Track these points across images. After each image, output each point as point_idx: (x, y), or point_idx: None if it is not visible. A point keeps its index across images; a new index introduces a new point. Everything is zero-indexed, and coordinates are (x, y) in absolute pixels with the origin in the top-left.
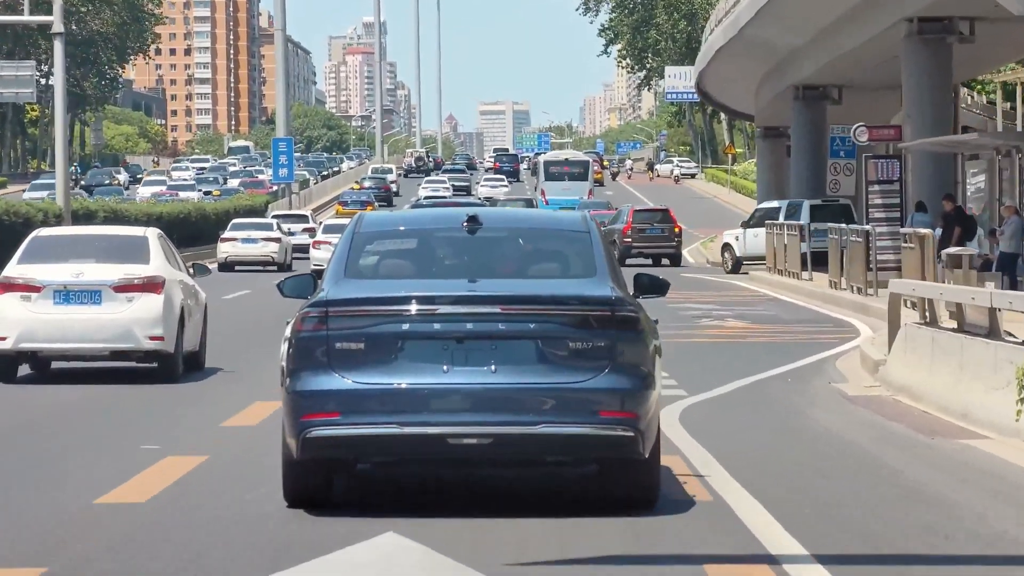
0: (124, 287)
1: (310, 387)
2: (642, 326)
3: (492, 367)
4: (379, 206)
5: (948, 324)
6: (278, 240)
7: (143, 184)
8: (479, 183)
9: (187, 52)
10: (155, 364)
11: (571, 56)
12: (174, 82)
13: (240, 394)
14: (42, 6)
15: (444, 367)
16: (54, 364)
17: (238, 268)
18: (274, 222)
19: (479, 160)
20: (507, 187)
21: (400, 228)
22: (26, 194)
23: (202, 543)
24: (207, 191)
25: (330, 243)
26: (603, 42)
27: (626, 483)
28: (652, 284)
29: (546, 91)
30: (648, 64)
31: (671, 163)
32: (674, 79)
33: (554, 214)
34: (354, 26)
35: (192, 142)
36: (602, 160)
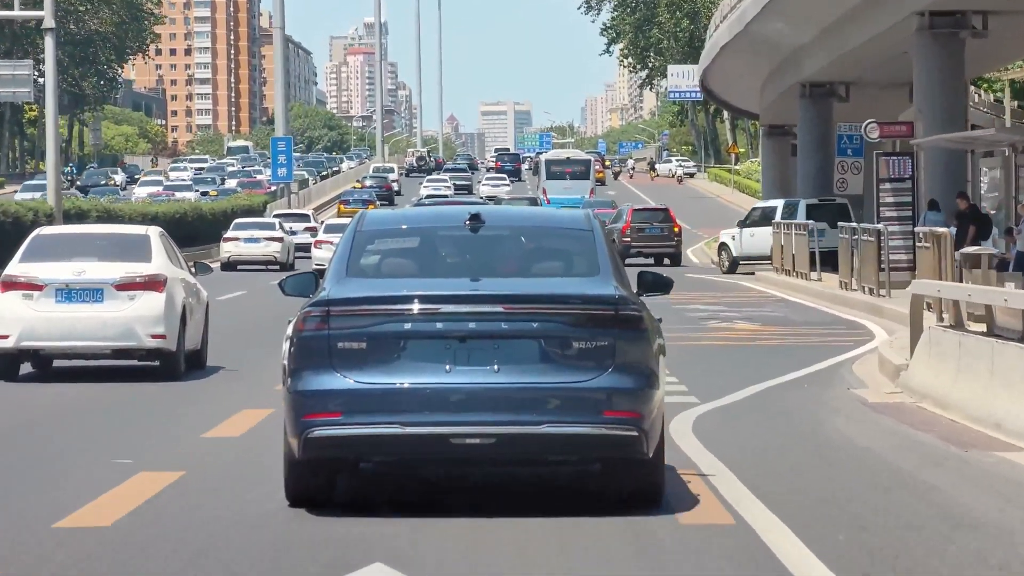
0: (126, 285)
1: (312, 387)
2: (646, 325)
3: (495, 366)
4: (381, 205)
5: (976, 327)
6: (281, 240)
7: (139, 184)
8: (481, 182)
9: (187, 52)
10: (157, 363)
11: (572, 56)
12: (174, 82)
13: (234, 397)
14: (38, 4)
15: (446, 366)
16: (56, 362)
17: (241, 267)
18: (276, 221)
19: (480, 160)
20: (509, 186)
21: (402, 227)
22: (18, 194)
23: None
24: (204, 191)
25: (332, 243)
26: (605, 41)
27: (630, 483)
28: (656, 282)
29: (548, 91)
30: (650, 63)
31: (669, 163)
32: (677, 78)
33: (557, 212)
34: (355, 26)
35: (192, 142)
36: (603, 160)
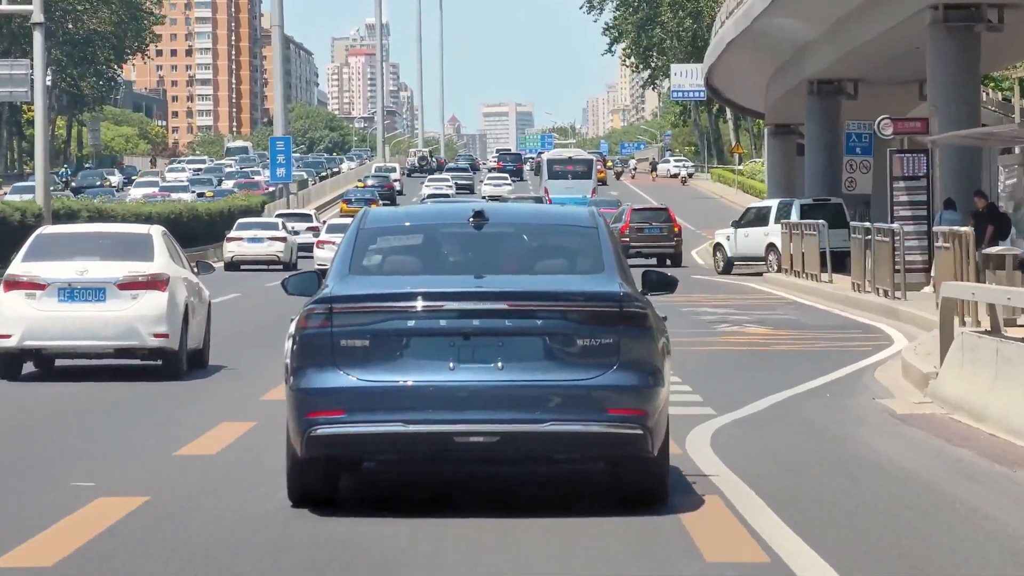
0: (128, 284)
1: (314, 384)
2: (650, 322)
3: (499, 364)
4: (383, 204)
5: (1014, 333)
6: (284, 239)
7: (135, 185)
8: (483, 182)
9: (188, 53)
10: (159, 362)
11: (574, 57)
12: (175, 83)
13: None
14: None
15: (450, 364)
16: (58, 362)
17: (244, 267)
18: (279, 221)
19: (482, 161)
20: (511, 185)
21: (405, 224)
22: (8, 195)
23: None
24: (200, 192)
25: (334, 243)
26: (607, 41)
27: (635, 482)
28: (660, 281)
29: (549, 92)
30: (653, 63)
31: (667, 163)
32: (680, 77)
33: (561, 209)
34: (357, 27)
35: (193, 143)
36: (605, 160)
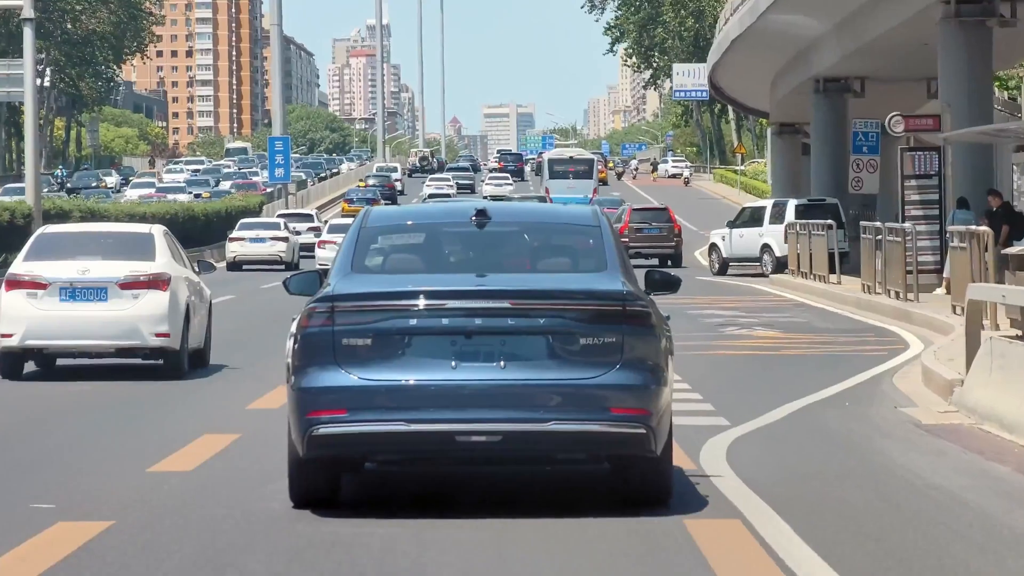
0: (130, 284)
1: (316, 384)
2: (654, 321)
3: (501, 363)
4: (384, 203)
5: None
6: (286, 239)
7: (131, 186)
8: (484, 181)
9: (188, 54)
10: (161, 361)
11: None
12: (176, 84)
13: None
14: None
15: (452, 363)
16: (59, 360)
17: (246, 267)
18: (281, 221)
19: (483, 162)
20: (512, 185)
21: (408, 223)
22: (0, 196)
23: None
24: (197, 193)
25: (335, 242)
26: (608, 40)
27: (638, 482)
28: (664, 281)
29: (550, 94)
30: (655, 63)
31: (665, 163)
32: (682, 77)
33: (564, 208)
34: (358, 28)
35: (194, 144)
36: (606, 161)
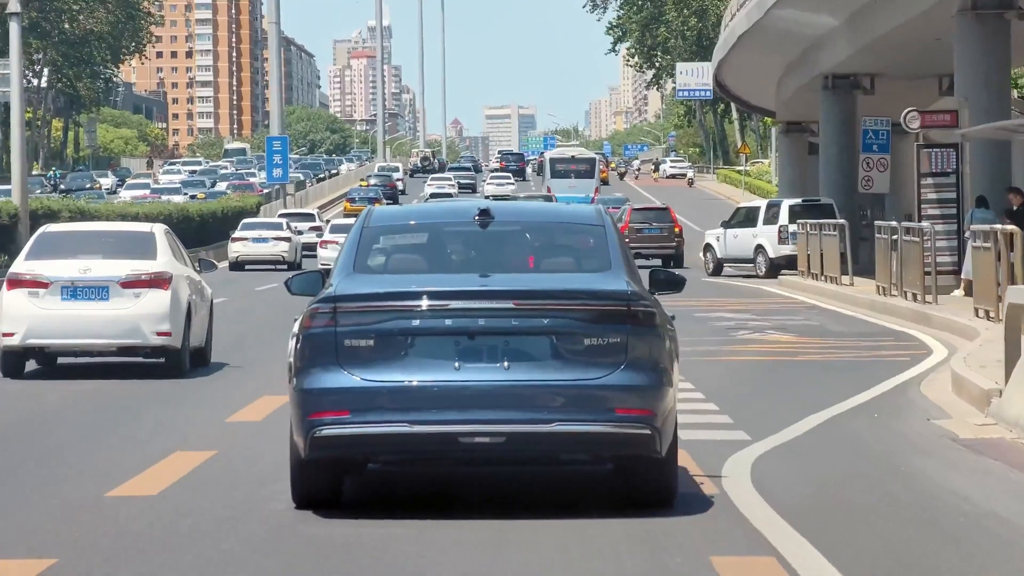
0: (131, 283)
1: (318, 385)
2: (658, 321)
3: (505, 364)
4: (386, 203)
5: None
6: (289, 239)
7: (125, 187)
8: (485, 181)
9: (188, 55)
10: (162, 359)
11: (576, 60)
12: (175, 85)
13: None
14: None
15: (455, 364)
16: (60, 359)
17: (248, 267)
18: (284, 221)
19: (484, 163)
20: (513, 185)
21: (410, 222)
22: None
23: None
24: (192, 195)
25: (337, 242)
26: (611, 40)
27: (642, 483)
28: (668, 280)
29: (551, 95)
30: (657, 62)
31: (664, 163)
32: (686, 76)
33: (568, 207)
34: (359, 29)
35: (194, 145)
36: (608, 161)
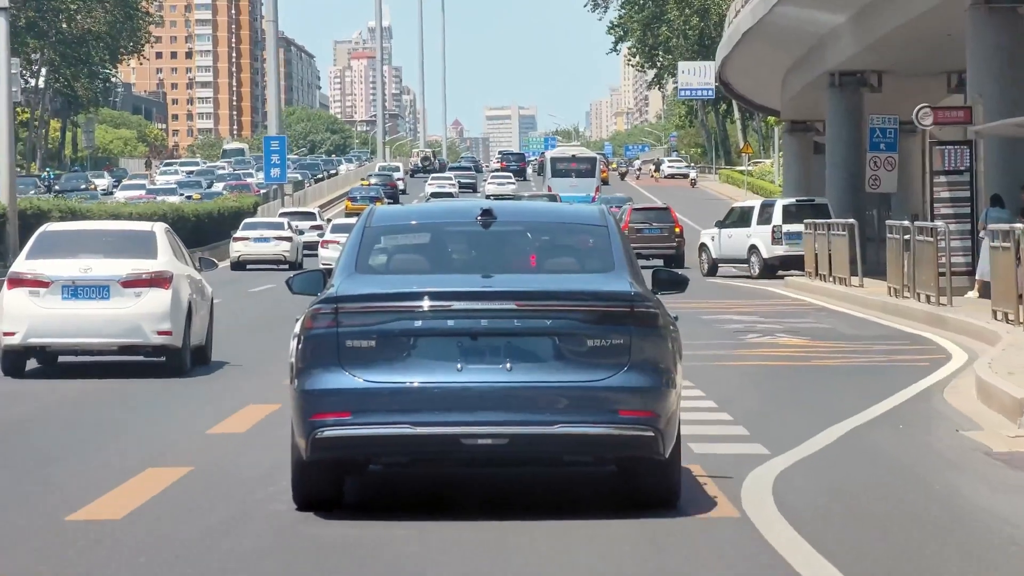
0: (132, 282)
1: (320, 386)
2: (662, 322)
3: (507, 365)
4: (387, 203)
5: None
6: (290, 239)
7: (120, 188)
8: (486, 180)
9: (188, 55)
10: (163, 358)
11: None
12: (175, 86)
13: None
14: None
15: (458, 365)
16: (61, 358)
17: (250, 267)
18: (285, 221)
19: (485, 164)
20: (514, 184)
21: (412, 222)
22: None
23: None
24: (188, 195)
25: (338, 242)
26: (612, 40)
27: (645, 485)
28: (671, 280)
29: (552, 96)
30: (659, 62)
31: (662, 162)
32: (688, 75)
33: (571, 208)
34: (359, 30)
35: (193, 146)
36: (608, 161)
